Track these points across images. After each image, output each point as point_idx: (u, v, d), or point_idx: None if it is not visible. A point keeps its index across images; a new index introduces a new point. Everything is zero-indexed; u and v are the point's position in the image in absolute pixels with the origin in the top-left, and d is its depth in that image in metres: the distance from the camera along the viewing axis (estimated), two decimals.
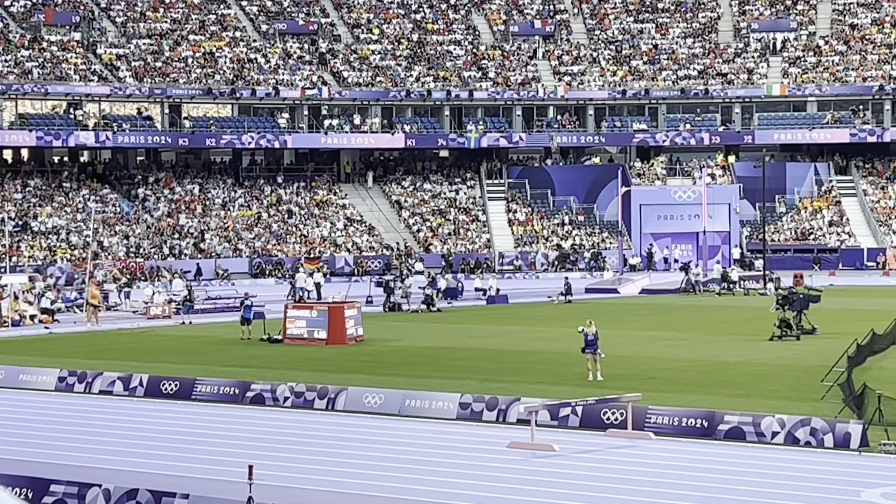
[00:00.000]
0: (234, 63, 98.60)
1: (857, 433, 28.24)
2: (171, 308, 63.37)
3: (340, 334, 49.38)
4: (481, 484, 25.39)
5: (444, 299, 68.91)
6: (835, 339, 44.22)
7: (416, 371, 41.15)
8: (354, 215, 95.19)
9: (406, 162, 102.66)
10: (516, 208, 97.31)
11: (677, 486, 25.01)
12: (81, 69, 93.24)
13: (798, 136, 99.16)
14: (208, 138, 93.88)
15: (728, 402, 33.26)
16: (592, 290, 75.74)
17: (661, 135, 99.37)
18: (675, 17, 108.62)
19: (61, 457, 28.38)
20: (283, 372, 40.83)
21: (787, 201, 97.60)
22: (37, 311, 62.01)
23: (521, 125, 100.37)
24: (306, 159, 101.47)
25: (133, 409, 35.73)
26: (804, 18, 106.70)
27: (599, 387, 36.00)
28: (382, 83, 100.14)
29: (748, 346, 47.04)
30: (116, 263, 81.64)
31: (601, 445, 29.37)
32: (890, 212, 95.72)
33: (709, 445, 29.12)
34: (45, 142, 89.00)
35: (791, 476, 25.79)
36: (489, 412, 32.49)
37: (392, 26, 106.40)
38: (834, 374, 35.01)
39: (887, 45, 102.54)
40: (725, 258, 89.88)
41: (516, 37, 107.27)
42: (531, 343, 49.06)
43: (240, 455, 27.74)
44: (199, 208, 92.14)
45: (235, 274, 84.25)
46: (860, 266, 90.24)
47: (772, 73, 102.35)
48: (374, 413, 33.67)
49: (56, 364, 42.08)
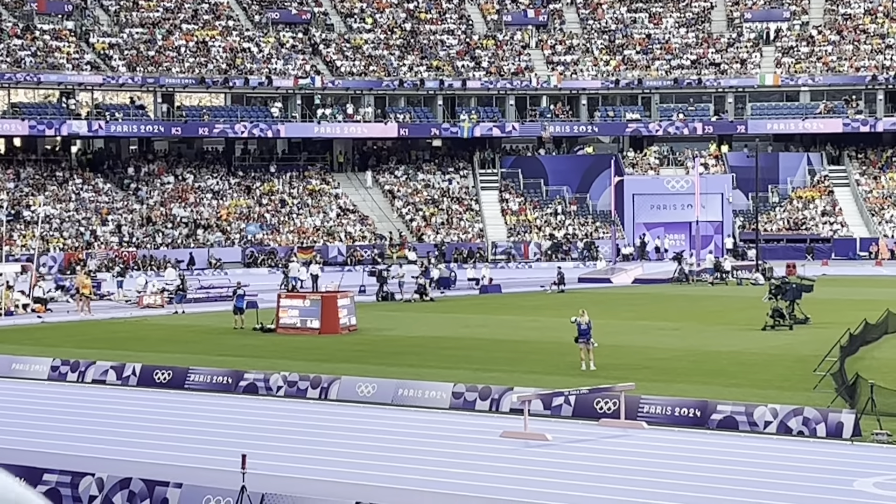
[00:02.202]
0: (227, 52, 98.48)
1: (850, 423, 28.26)
2: (163, 297, 63.34)
3: (333, 324, 49.37)
4: (474, 473, 25.39)
5: (437, 289, 68.93)
6: (827, 329, 44.23)
7: (409, 360, 41.13)
8: (347, 205, 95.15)
9: (399, 151, 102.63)
10: (509, 198, 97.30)
11: (670, 475, 25.01)
12: (74, 58, 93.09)
13: (791, 126, 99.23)
14: (201, 127, 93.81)
15: (721, 391, 33.27)
16: (585, 279, 75.83)
17: (655, 124, 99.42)
18: (669, 7, 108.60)
19: (54, 446, 28.34)
20: (276, 361, 40.78)
21: (780, 191, 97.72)
22: (29, 300, 61.95)
23: (514, 115, 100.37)
24: (299, 149, 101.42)
25: (126, 398, 35.70)
26: (797, 8, 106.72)
27: (592, 376, 35.99)
28: (375, 72, 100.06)
29: (741, 335, 47.06)
30: (109, 252, 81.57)
31: (594, 435, 29.37)
32: (882, 202, 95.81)
33: (701, 435, 29.12)
34: (38, 131, 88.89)
35: (784, 465, 25.80)
36: (482, 401, 32.48)
37: (385, 15, 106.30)
38: (826, 364, 35.02)
39: (880, 35, 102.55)
40: (718, 248, 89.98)
41: (509, 26, 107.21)
42: (524, 332, 49.04)
43: (233, 444, 27.72)
44: (191, 197, 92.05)
45: (228, 263, 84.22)
46: (853, 256, 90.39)
47: (765, 63, 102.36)
48: (367, 402, 33.65)
49: (49, 353, 42.00)
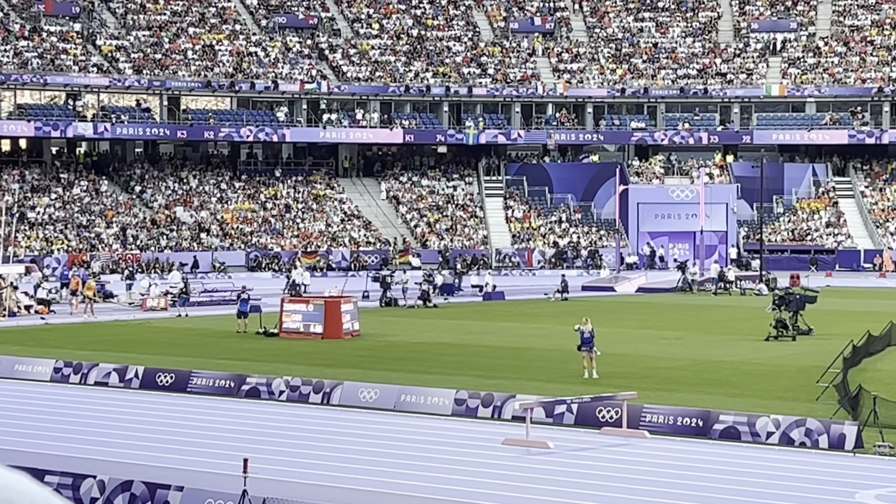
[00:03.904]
0: (234, 56, 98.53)
1: (852, 434, 28.23)
2: (167, 300, 63.35)
3: (336, 329, 49.36)
4: (476, 480, 25.37)
5: (441, 295, 68.89)
6: (830, 340, 44.19)
7: (412, 366, 41.10)
8: (352, 210, 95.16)
9: (404, 157, 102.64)
10: (514, 205, 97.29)
11: (672, 485, 24.99)
12: (81, 60, 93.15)
13: (796, 137, 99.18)
14: (207, 131, 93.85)
15: (723, 401, 33.25)
16: (589, 287, 75.75)
17: (660, 133, 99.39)
18: (676, 16, 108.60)
19: (56, 448, 28.35)
20: (279, 366, 40.77)
21: (785, 202, 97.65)
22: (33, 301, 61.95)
23: (519, 122, 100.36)
24: (304, 153, 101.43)
25: (128, 400, 35.70)
26: (804, 19, 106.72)
27: (595, 385, 35.97)
28: (382, 78, 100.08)
29: (744, 345, 47.03)
30: (113, 255, 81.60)
31: (596, 443, 29.35)
32: (887, 213, 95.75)
33: (704, 445, 29.10)
34: (44, 132, 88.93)
35: (785, 477, 25.78)
36: (484, 408, 32.47)
37: (392, 21, 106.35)
38: (829, 375, 35.00)
39: (887, 47, 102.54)
40: (722, 258, 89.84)
41: (516, 33, 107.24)
42: (527, 340, 49.02)
43: (235, 448, 27.72)
44: (196, 201, 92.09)
45: (232, 267, 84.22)
46: (857, 267, 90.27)
47: (771, 74, 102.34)
48: (369, 408, 33.63)
49: (52, 355, 42.00)
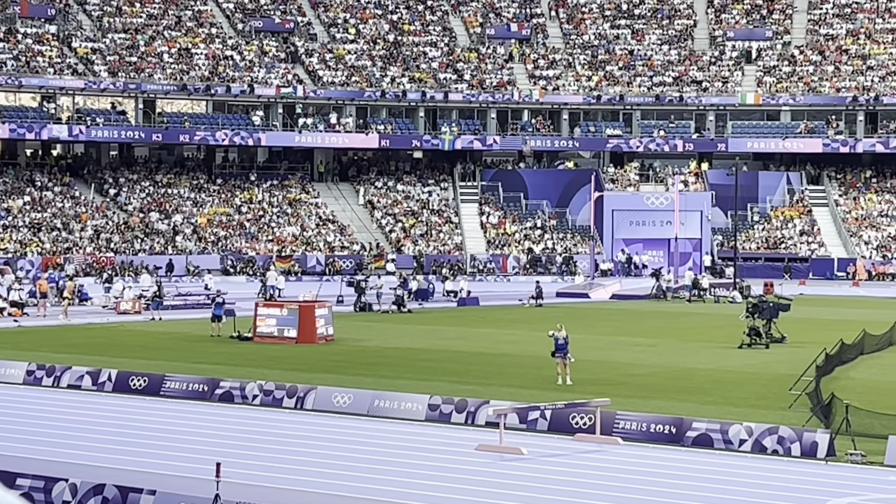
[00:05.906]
0: (210, 59, 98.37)
1: (825, 442, 28.33)
2: (140, 303, 63.19)
3: (310, 333, 49.33)
4: (449, 486, 25.39)
5: (415, 300, 68.91)
6: (803, 349, 44.36)
7: (386, 371, 41.11)
8: (327, 215, 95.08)
9: (380, 162, 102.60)
10: (489, 211, 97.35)
11: (644, 491, 25.04)
12: (56, 62, 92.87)
13: (771, 145, 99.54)
14: (182, 134, 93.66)
15: (696, 408, 33.35)
16: (563, 294, 75.87)
17: (635, 141, 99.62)
18: (651, 24, 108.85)
19: (28, 450, 28.25)
20: (253, 370, 40.73)
21: (759, 210, 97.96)
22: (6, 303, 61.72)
23: (495, 128, 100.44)
24: (280, 158, 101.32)
25: (101, 404, 35.61)
26: (780, 28, 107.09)
27: (568, 391, 36.03)
28: (358, 83, 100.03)
29: (717, 353, 47.16)
30: (87, 258, 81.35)
31: (569, 449, 29.40)
32: (861, 223, 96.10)
33: (676, 452, 29.17)
34: (18, 134, 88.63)
35: (758, 484, 25.85)
36: (458, 414, 32.50)
37: (368, 26, 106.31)
38: (802, 383, 35.12)
39: (861, 57, 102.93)
40: (696, 265, 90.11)
41: (492, 39, 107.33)
42: (501, 346, 49.05)
43: (207, 452, 27.68)
44: (170, 204, 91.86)
45: (206, 271, 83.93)
46: (830, 276, 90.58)
47: (746, 82, 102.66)
48: (343, 413, 33.63)
49: (24, 357, 41.83)
